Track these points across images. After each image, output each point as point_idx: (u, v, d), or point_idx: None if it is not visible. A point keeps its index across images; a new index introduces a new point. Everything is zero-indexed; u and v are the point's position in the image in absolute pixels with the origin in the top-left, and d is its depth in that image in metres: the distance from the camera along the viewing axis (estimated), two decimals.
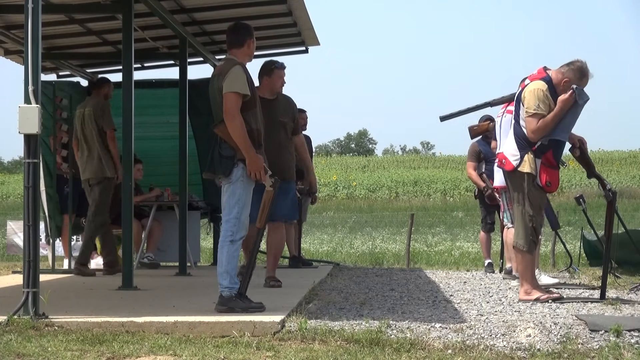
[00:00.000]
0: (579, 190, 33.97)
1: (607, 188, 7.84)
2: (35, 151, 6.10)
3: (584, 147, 7.75)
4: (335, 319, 6.17)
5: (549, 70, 7.47)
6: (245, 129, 6.41)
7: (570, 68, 7.39)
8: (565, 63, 7.43)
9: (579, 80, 7.34)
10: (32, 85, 6.10)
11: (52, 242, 10.96)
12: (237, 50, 6.65)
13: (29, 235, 6.05)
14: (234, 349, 5.30)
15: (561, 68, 7.42)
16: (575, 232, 18.88)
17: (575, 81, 7.33)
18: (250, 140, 6.42)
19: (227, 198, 6.49)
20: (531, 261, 7.54)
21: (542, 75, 7.44)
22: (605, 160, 52.72)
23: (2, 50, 11.26)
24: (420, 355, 5.25)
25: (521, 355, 5.33)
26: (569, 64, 7.41)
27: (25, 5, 6.13)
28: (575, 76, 7.35)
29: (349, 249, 17.76)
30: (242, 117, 6.41)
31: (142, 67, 12.38)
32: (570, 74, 7.36)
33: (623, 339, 5.57)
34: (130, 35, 8.61)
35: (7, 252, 15.73)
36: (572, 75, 7.35)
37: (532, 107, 7.28)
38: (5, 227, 16.76)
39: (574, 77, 7.35)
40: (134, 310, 6.37)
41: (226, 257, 6.45)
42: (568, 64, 7.41)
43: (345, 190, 41.21)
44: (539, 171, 7.38)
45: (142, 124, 10.93)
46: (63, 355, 5.09)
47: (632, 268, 10.76)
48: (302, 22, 10.72)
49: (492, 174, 10.08)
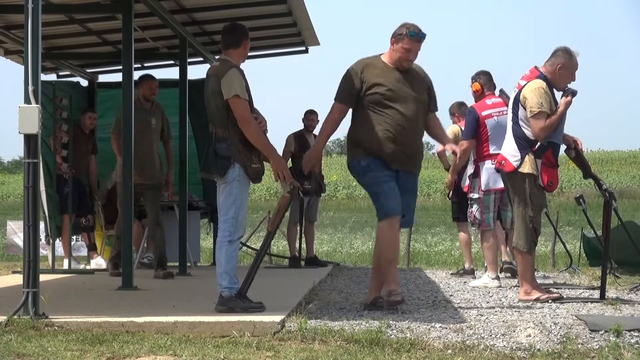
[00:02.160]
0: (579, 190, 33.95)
1: (603, 188, 7.84)
2: (35, 151, 6.09)
3: (578, 148, 7.76)
4: (335, 319, 6.17)
5: (540, 69, 7.48)
6: (261, 131, 6.46)
7: (557, 55, 7.43)
8: (549, 56, 7.47)
9: (569, 60, 7.39)
10: (32, 85, 6.10)
11: (52, 242, 10.96)
12: (233, 51, 6.65)
13: (29, 235, 6.05)
14: (234, 349, 5.30)
15: (548, 61, 7.46)
16: (575, 232, 18.88)
17: (567, 63, 7.38)
18: (248, 147, 6.44)
19: (224, 198, 6.48)
20: (531, 262, 7.54)
21: (536, 74, 7.44)
22: (605, 160, 52.74)
23: (2, 50, 11.26)
24: (420, 355, 5.25)
25: (521, 355, 5.32)
26: (553, 54, 7.46)
27: (25, 5, 6.13)
28: (566, 59, 7.40)
29: (349, 249, 17.75)
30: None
31: (142, 67, 12.38)
32: (560, 60, 7.40)
33: (623, 339, 5.57)
34: (130, 35, 8.61)
35: (7, 252, 15.72)
36: (563, 60, 7.40)
37: (536, 106, 7.28)
38: (5, 227, 16.74)
39: (565, 60, 7.40)
40: (134, 310, 6.37)
41: (225, 258, 6.45)
42: (553, 54, 7.46)
43: (345, 190, 41.22)
44: (540, 171, 7.38)
45: None
46: (63, 355, 5.09)
47: (632, 268, 10.76)
48: (302, 22, 10.72)
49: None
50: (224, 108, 6.42)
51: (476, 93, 9.24)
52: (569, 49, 7.44)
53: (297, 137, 11.67)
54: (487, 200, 9.03)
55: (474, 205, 9.07)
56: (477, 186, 9.04)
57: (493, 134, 8.89)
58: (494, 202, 9.06)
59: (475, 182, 9.06)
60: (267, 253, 10.04)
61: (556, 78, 7.41)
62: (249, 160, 6.44)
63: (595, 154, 55.06)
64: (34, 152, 6.09)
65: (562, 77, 7.41)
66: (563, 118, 7.44)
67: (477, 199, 9.03)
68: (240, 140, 6.42)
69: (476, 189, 9.05)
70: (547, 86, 7.36)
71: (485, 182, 8.97)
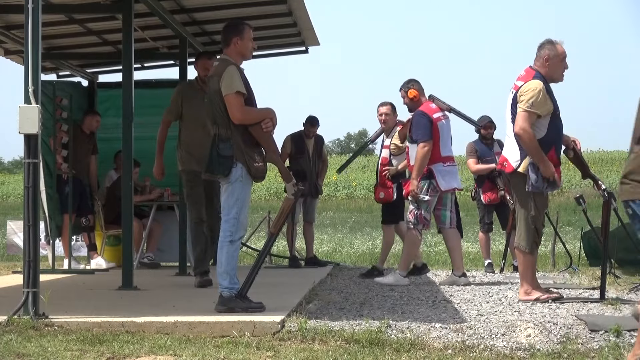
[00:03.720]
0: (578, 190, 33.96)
1: (602, 188, 7.84)
2: (35, 151, 6.10)
3: (577, 148, 7.76)
4: (335, 319, 6.17)
5: (534, 67, 7.48)
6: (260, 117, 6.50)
7: (541, 48, 7.46)
8: (536, 54, 7.50)
9: (554, 50, 7.42)
10: (32, 85, 6.10)
11: (52, 242, 10.96)
12: (228, 50, 6.67)
13: (29, 235, 6.06)
14: (234, 349, 5.30)
15: (537, 59, 7.49)
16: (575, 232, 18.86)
17: (552, 53, 7.41)
18: (251, 146, 6.44)
19: (226, 198, 6.50)
20: (532, 262, 7.54)
21: (532, 73, 7.44)
22: (605, 160, 52.70)
23: (2, 50, 11.26)
24: (420, 355, 5.25)
25: (521, 355, 5.33)
26: (538, 49, 7.50)
27: (25, 5, 6.14)
28: (550, 49, 7.44)
29: (349, 249, 17.73)
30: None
31: (142, 67, 12.39)
32: (545, 52, 7.44)
33: (623, 339, 5.57)
34: (130, 35, 8.61)
35: (7, 252, 15.71)
36: (548, 51, 7.44)
37: (525, 105, 7.27)
38: (5, 227, 16.74)
39: (550, 51, 7.43)
40: (134, 310, 6.37)
41: (225, 258, 6.45)
42: (538, 50, 7.50)
43: (345, 190, 41.20)
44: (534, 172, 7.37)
45: (142, 124, 10.90)
46: (63, 355, 5.09)
47: (632, 268, 10.76)
48: (302, 22, 10.73)
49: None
50: (225, 108, 6.44)
51: (414, 100, 9.38)
52: (550, 40, 7.49)
53: (294, 139, 11.65)
54: (446, 199, 9.29)
55: (423, 206, 9.16)
56: (429, 188, 9.12)
57: (442, 137, 9.16)
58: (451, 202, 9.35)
59: (426, 184, 9.12)
60: (268, 253, 10.02)
61: (548, 71, 7.43)
62: (252, 159, 6.45)
63: (595, 154, 55.02)
64: (34, 152, 6.09)
65: (553, 68, 7.43)
66: (560, 124, 7.45)
67: (426, 201, 9.13)
68: (242, 139, 6.44)
69: (428, 191, 9.12)
70: (545, 87, 7.35)
71: (442, 183, 9.13)
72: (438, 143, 9.12)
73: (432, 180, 9.11)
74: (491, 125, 11.32)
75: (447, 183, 9.16)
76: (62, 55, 11.78)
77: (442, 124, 9.19)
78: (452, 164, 9.32)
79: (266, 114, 6.57)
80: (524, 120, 7.25)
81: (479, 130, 11.26)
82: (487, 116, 11.41)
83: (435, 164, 9.11)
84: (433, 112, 9.19)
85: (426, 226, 9.27)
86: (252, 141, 6.48)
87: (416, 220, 9.19)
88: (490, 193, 11.29)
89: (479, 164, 11.27)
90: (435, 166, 9.12)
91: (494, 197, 11.26)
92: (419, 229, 9.24)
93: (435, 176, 9.10)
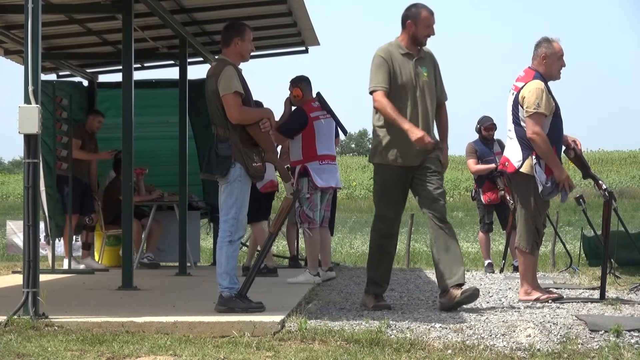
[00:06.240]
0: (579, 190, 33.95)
1: (602, 188, 7.83)
2: (35, 151, 6.10)
3: (577, 149, 7.75)
4: (335, 319, 6.17)
5: (533, 68, 7.48)
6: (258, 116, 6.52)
7: (538, 47, 7.47)
8: (533, 52, 7.51)
9: (550, 47, 7.42)
10: (32, 85, 6.10)
11: (52, 242, 10.96)
12: (227, 50, 6.67)
13: (29, 235, 6.05)
14: (234, 349, 5.30)
15: (534, 57, 7.50)
16: (575, 232, 18.88)
17: (548, 51, 7.41)
18: (249, 146, 6.45)
19: (225, 198, 6.49)
20: (532, 262, 7.53)
21: (531, 73, 7.43)
22: (605, 160, 52.75)
23: (2, 50, 11.26)
24: (420, 355, 5.25)
25: (521, 355, 5.32)
26: (535, 48, 7.51)
27: (25, 5, 6.13)
28: (546, 47, 7.44)
29: (349, 249, 17.75)
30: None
31: (142, 67, 12.39)
32: (542, 50, 7.44)
33: (623, 339, 5.56)
34: (130, 35, 8.61)
35: (7, 252, 15.73)
36: (544, 49, 7.44)
37: (532, 107, 7.26)
38: (5, 227, 16.75)
39: (546, 49, 7.43)
40: (134, 310, 6.37)
41: (225, 258, 6.45)
42: (535, 49, 7.50)
43: (345, 190, 41.21)
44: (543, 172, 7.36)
45: (141, 124, 10.92)
46: (63, 355, 5.09)
47: (632, 268, 10.76)
48: (302, 22, 10.73)
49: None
50: (223, 108, 6.44)
51: (296, 98, 9.42)
52: (546, 37, 7.50)
53: None
54: (316, 198, 9.26)
55: (305, 204, 9.17)
56: (308, 186, 9.16)
57: (320, 136, 9.20)
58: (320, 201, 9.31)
59: (303, 181, 9.16)
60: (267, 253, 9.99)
61: (546, 69, 7.43)
62: (250, 159, 6.45)
63: (595, 154, 55.08)
64: (34, 152, 6.09)
65: (551, 66, 7.43)
66: (560, 123, 7.44)
67: (307, 198, 9.15)
68: (240, 139, 6.44)
69: (307, 188, 9.16)
70: (545, 86, 7.35)
71: (318, 180, 9.16)
72: (314, 141, 9.20)
73: (308, 178, 9.16)
74: (493, 127, 11.34)
75: (323, 181, 9.22)
76: (62, 55, 11.78)
77: (320, 123, 9.27)
78: (331, 162, 9.36)
79: (264, 114, 6.59)
80: (534, 123, 7.23)
81: (479, 130, 11.32)
82: (489, 117, 11.43)
83: (311, 162, 9.19)
84: (312, 111, 9.28)
85: (312, 224, 9.22)
86: (250, 141, 6.48)
87: (300, 219, 9.28)
88: (490, 193, 11.30)
89: (479, 164, 11.29)
90: (311, 164, 9.18)
91: (494, 197, 11.28)
92: (305, 227, 9.27)
93: (311, 174, 9.16)
